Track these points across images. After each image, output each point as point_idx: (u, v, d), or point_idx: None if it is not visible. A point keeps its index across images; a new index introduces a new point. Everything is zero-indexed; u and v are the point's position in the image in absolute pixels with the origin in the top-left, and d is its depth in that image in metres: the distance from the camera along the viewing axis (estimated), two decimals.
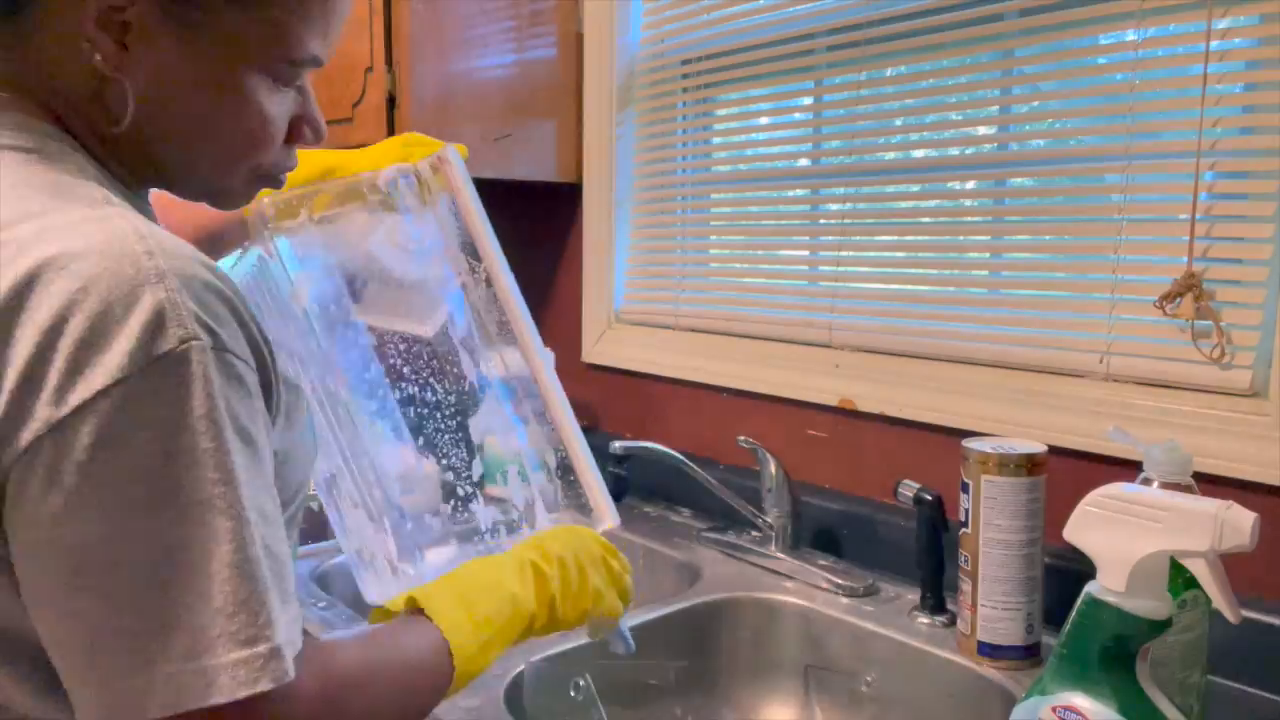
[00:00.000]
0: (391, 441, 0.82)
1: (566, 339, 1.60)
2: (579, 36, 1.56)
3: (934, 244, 1.17)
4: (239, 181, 0.64)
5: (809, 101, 1.32)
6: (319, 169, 0.85)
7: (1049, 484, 0.92)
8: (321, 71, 0.64)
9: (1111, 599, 0.63)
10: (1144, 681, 0.63)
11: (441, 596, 0.64)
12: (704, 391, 1.41)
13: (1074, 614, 0.65)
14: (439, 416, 0.82)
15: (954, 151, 1.16)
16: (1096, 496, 0.65)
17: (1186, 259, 0.92)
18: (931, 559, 1.03)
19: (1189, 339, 0.93)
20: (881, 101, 1.23)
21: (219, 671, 0.46)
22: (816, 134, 1.31)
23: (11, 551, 0.49)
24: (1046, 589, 0.93)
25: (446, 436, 0.82)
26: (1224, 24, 0.91)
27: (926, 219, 1.20)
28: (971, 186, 1.17)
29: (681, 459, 1.19)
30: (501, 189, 1.59)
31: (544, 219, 1.68)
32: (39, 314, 0.47)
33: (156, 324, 0.47)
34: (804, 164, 1.33)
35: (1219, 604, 0.61)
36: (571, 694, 0.90)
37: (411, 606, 0.64)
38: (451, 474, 0.82)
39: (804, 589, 1.12)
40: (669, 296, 1.50)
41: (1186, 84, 0.95)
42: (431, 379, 0.82)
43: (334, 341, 0.82)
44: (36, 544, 0.47)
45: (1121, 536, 0.63)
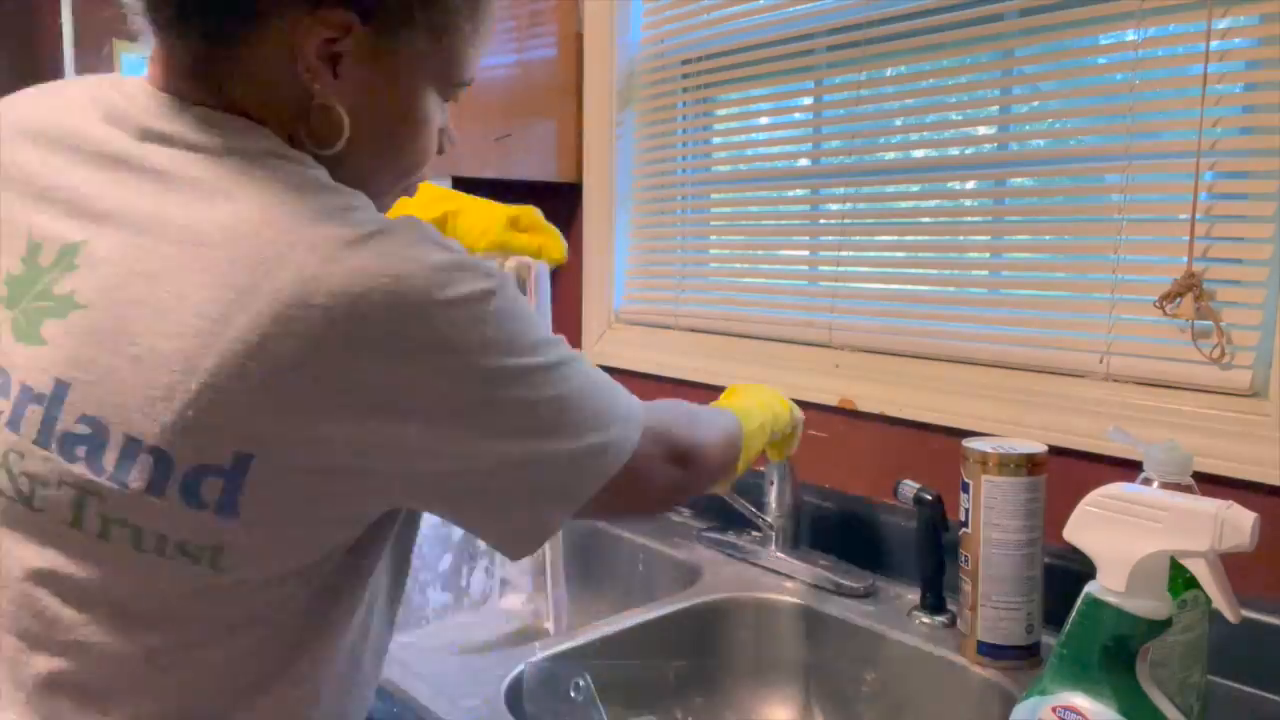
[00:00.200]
0: None
1: (567, 339, 1.60)
2: (579, 36, 1.56)
3: (934, 244, 1.17)
4: (397, 194, 0.69)
5: (809, 101, 1.32)
6: (439, 209, 0.98)
7: (1049, 484, 0.92)
8: None
9: (1111, 599, 0.63)
10: (1144, 681, 0.63)
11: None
12: (704, 391, 1.41)
13: (1074, 614, 0.65)
14: None
15: (954, 151, 1.16)
16: (1096, 496, 0.65)
17: (1186, 259, 0.92)
18: (931, 559, 1.03)
19: (1189, 339, 0.93)
20: (881, 101, 1.23)
21: (619, 441, 0.68)
22: (816, 134, 1.31)
23: (421, 495, 0.62)
24: (1046, 589, 0.93)
25: None
26: (1224, 24, 0.91)
27: (926, 219, 1.20)
28: (971, 186, 1.17)
29: None
30: (501, 189, 1.59)
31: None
32: (403, 297, 0.54)
33: (470, 274, 0.57)
34: (804, 164, 1.33)
35: (1219, 604, 0.61)
36: (571, 694, 0.90)
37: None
38: None
39: (804, 589, 1.12)
40: (669, 296, 1.50)
41: (1186, 84, 0.95)
42: None
43: None
44: (463, 456, 0.59)
45: (1121, 536, 0.63)
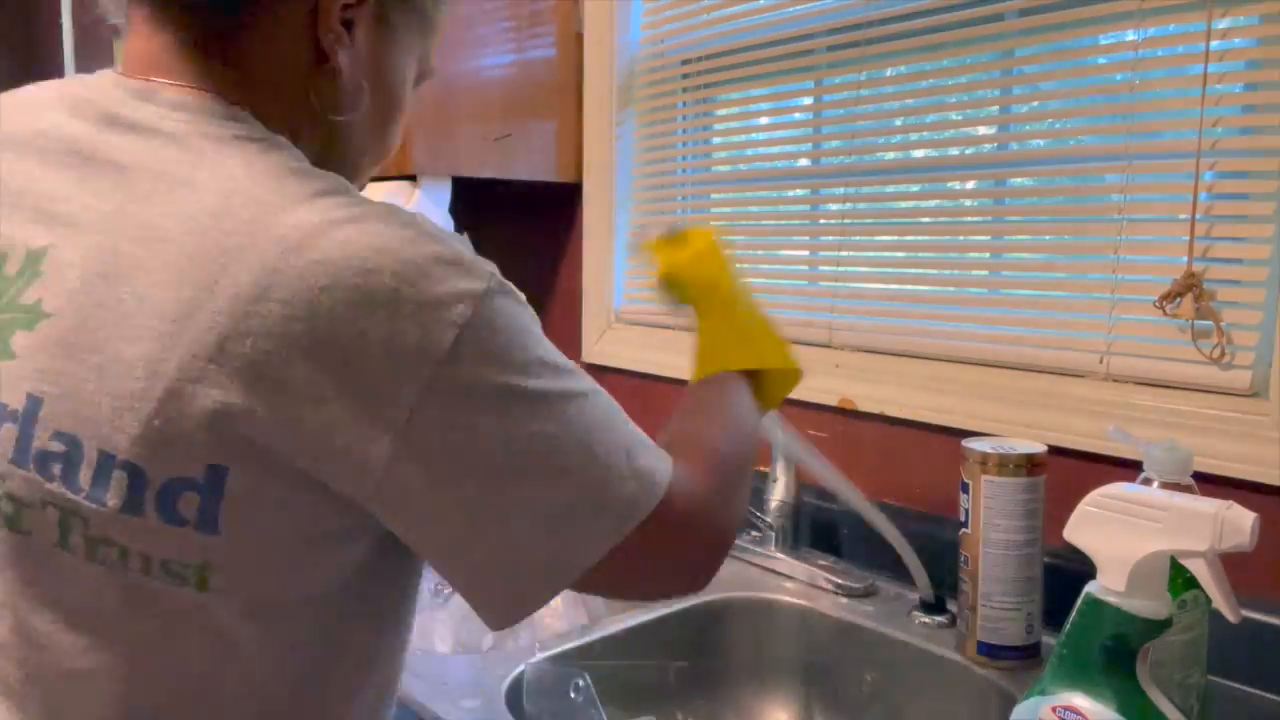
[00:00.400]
0: None
1: (566, 339, 1.60)
2: (579, 36, 1.56)
3: (934, 244, 1.17)
4: (367, 178, 0.67)
5: (809, 101, 1.32)
6: None
7: (1049, 484, 0.92)
8: None
9: (1111, 599, 0.63)
10: (1144, 681, 0.63)
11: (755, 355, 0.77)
12: None
13: (1074, 614, 0.65)
14: None
15: (954, 151, 1.16)
16: (1096, 496, 0.65)
17: (1186, 259, 0.92)
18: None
19: (1189, 339, 0.93)
20: (881, 101, 1.23)
21: (628, 503, 0.54)
22: (816, 134, 1.31)
23: (403, 520, 0.53)
24: (1046, 589, 0.93)
25: None
26: (1224, 24, 0.91)
27: (926, 219, 1.20)
28: (971, 186, 1.17)
29: None
30: (501, 189, 1.59)
31: (544, 219, 1.68)
32: (379, 293, 0.49)
33: (465, 270, 0.51)
34: (804, 164, 1.33)
35: (1219, 604, 0.61)
36: (571, 694, 0.90)
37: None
38: None
39: (804, 589, 1.12)
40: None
41: (1186, 84, 0.95)
42: None
43: None
44: (446, 485, 0.51)
45: (1121, 536, 0.63)
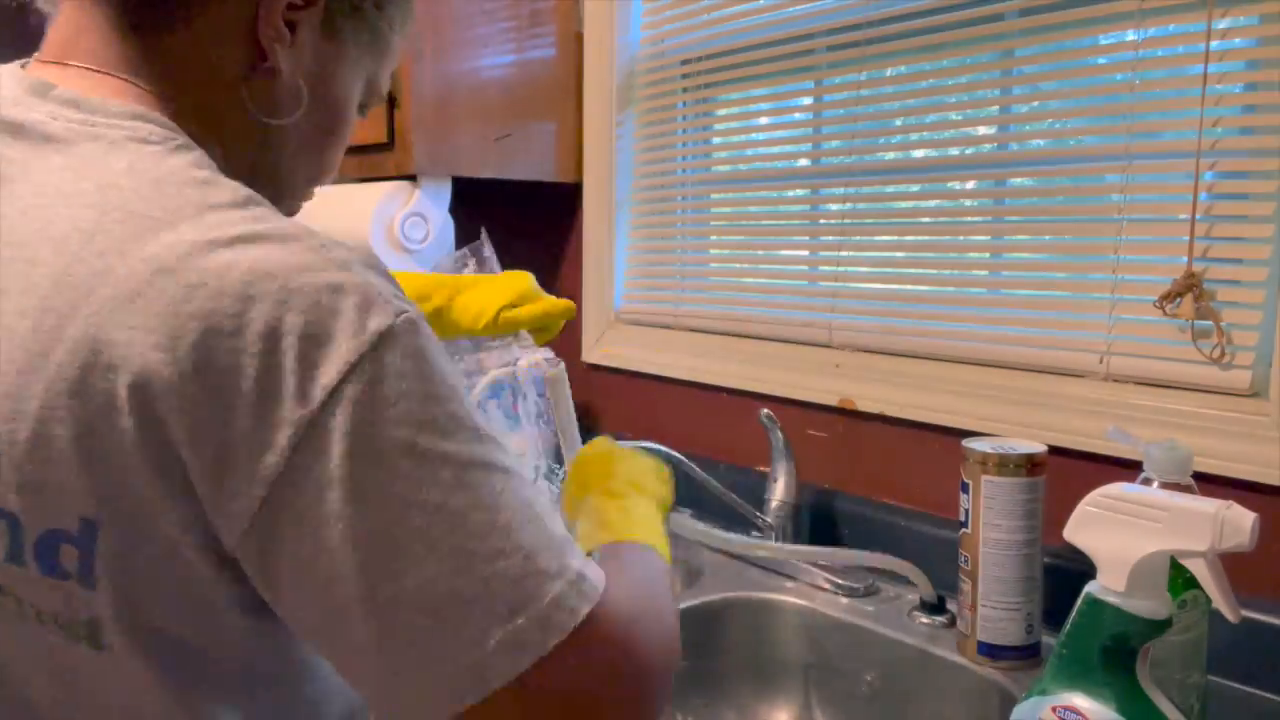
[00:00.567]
0: None
1: (566, 339, 1.60)
2: (579, 36, 1.56)
3: (934, 244, 1.17)
4: (302, 198, 0.65)
5: (809, 101, 1.32)
6: (437, 294, 0.89)
7: (1049, 484, 0.92)
8: None
9: (1111, 599, 0.63)
10: (1144, 681, 0.63)
11: (641, 529, 0.69)
12: (704, 391, 1.41)
13: (1074, 614, 0.65)
14: None
15: (954, 151, 1.16)
16: (1096, 496, 0.65)
17: (1186, 259, 0.92)
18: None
19: (1189, 339, 0.93)
20: (881, 101, 1.23)
21: (551, 606, 0.46)
22: (816, 134, 1.31)
23: (273, 586, 0.47)
24: (1046, 589, 0.93)
25: None
26: (1224, 24, 0.91)
27: (926, 219, 1.20)
28: (971, 186, 1.17)
29: (681, 459, 1.19)
30: (501, 189, 1.59)
31: (544, 219, 1.68)
32: (255, 324, 0.45)
33: (366, 305, 0.46)
34: (804, 164, 1.33)
35: (1219, 604, 0.61)
36: None
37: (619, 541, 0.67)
38: None
39: (804, 589, 1.12)
40: (669, 296, 1.50)
41: (1186, 84, 0.95)
42: None
43: None
44: (320, 554, 0.45)
45: (1121, 536, 0.63)
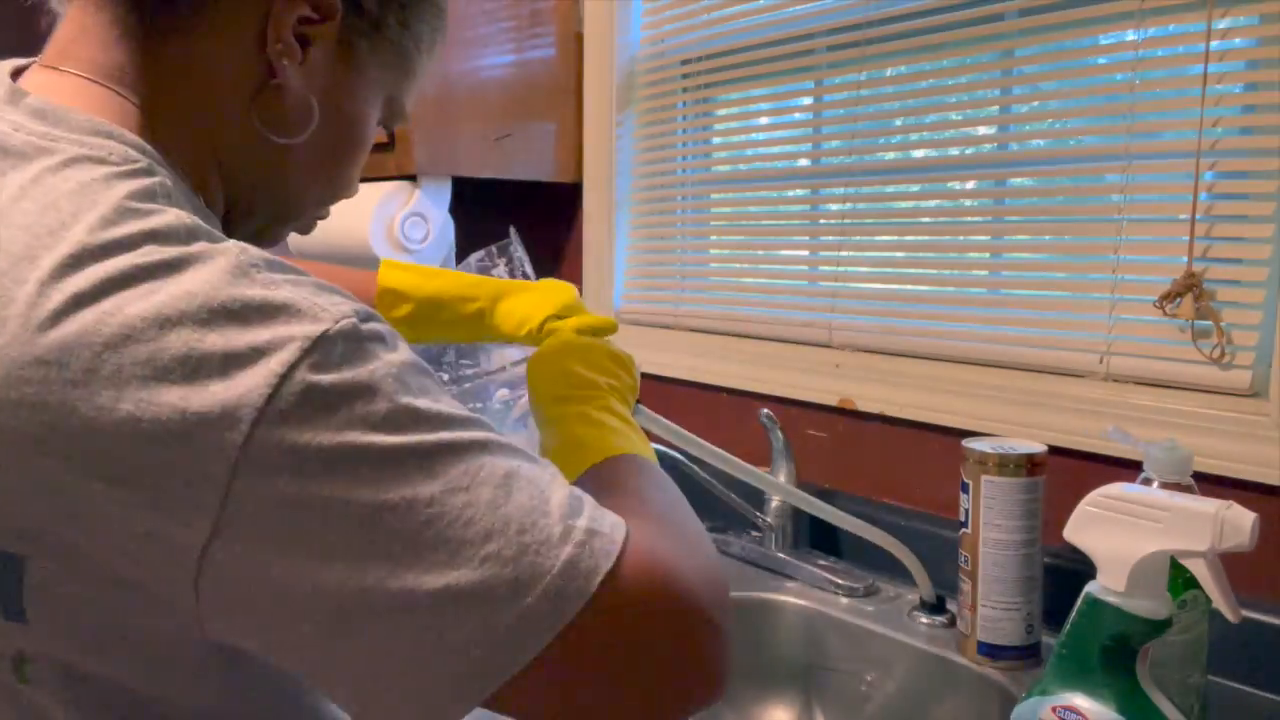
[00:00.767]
0: None
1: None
2: (579, 36, 1.56)
3: (934, 244, 1.17)
4: (310, 221, 0.63)
5: (809, 101, 1.32)
6: (481, 294, 0.86)
7: (1049, 484, 0.92)
8: None
9: (1111, 599, 0.63)
10: (1144, 681, 0.63)
11: (620, 438, 0.66)
12: (704, 391, 1.41)
13: (1074, 614, 0.65)
14: None
15: (954, 151, 1.16)
16: (1096, 496, 0.65)
17: (1186, 259, 0.92)
18: None
19: (1189, 339, 0.93)
20: (881, 101, 1.23)
21: (563, 575, 0.44)
22: (816, 134, 1.31)
23: (239, 622, 0.44)
24: (1046, 589, 0.93)
25: None
26: (1224, 24, 0.91)
27: (926, 219, 1.20)
28: (971, 186, 1.17)
29: (681, 458, 1.19)
30: (501, 189, 1.60)
31: (544, 219, 1.68)
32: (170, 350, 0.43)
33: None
34: (804, 164, 1.33)
35: (1219, 604, 0.61)
36: None
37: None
38: None
39: (804, 589, 1.12)
40: (669, 296, 1.50)
41: (1186, 84, 0.95)
42: None
43: None
44: (293, 578, 0.42)
45: (1121, 536, 0.63)
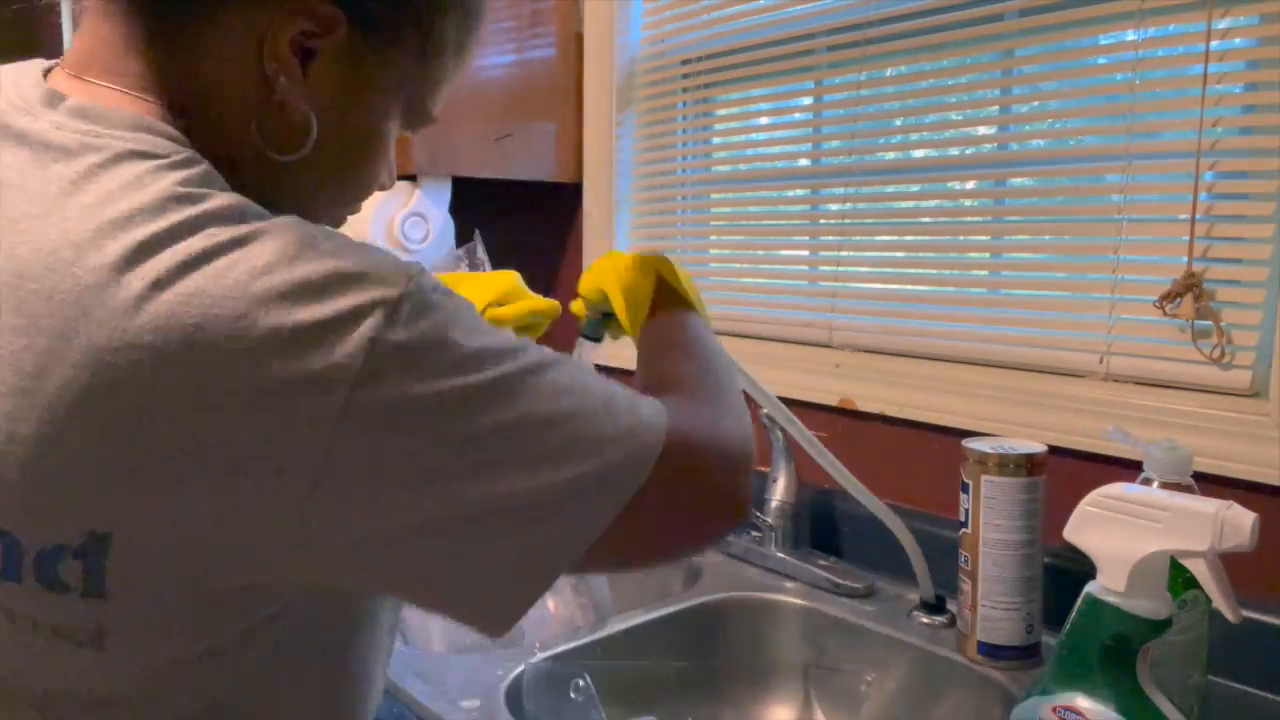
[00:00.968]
0: None
1: (567, 339, 1.60)
2: (579, 36, 1.56)
3: (934, 244, 1.17)
4: (337, 220, 0.63)
5: (809, 101, 1.32)
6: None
7: (1049, 484, 0.92)
8: None
9: (1111, 599, 0.63)
10: (1144, 681, 0.63)
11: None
12: None
13: (1074, 614, 0.65)
14: None
15: (954, 151, 1.16)
16: (1096, 496, 0.65)
17: (1186, 259, 0.92)
18: None
19: (1189, 339, 0.93)
20: (881, 101, 1.23)
21: (634, 450, 0.50)
22: (816, 134, 1.31)
23: (339, 559, 0.47)
24: (1046, 589, 0.93)
25: None
26: (1224, 24, 0.91)
27: (926, 219, 1.20)
28: (971, 186, 1.17)
29: None
30: (501, 189, 1.60)
31: (544, 219, 1.68)
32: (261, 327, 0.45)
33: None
34: (804, 164, 1.33)
35: (1219, 604, 0.61)
36: (571, 694, 0.90)
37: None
38: None
39: (804, 589, 1.12)
40: None
41: (1186, 84, 0.95)
42: None
43: None
44: (393, 512, 0.46)
45: (1121, 536, 0.63)
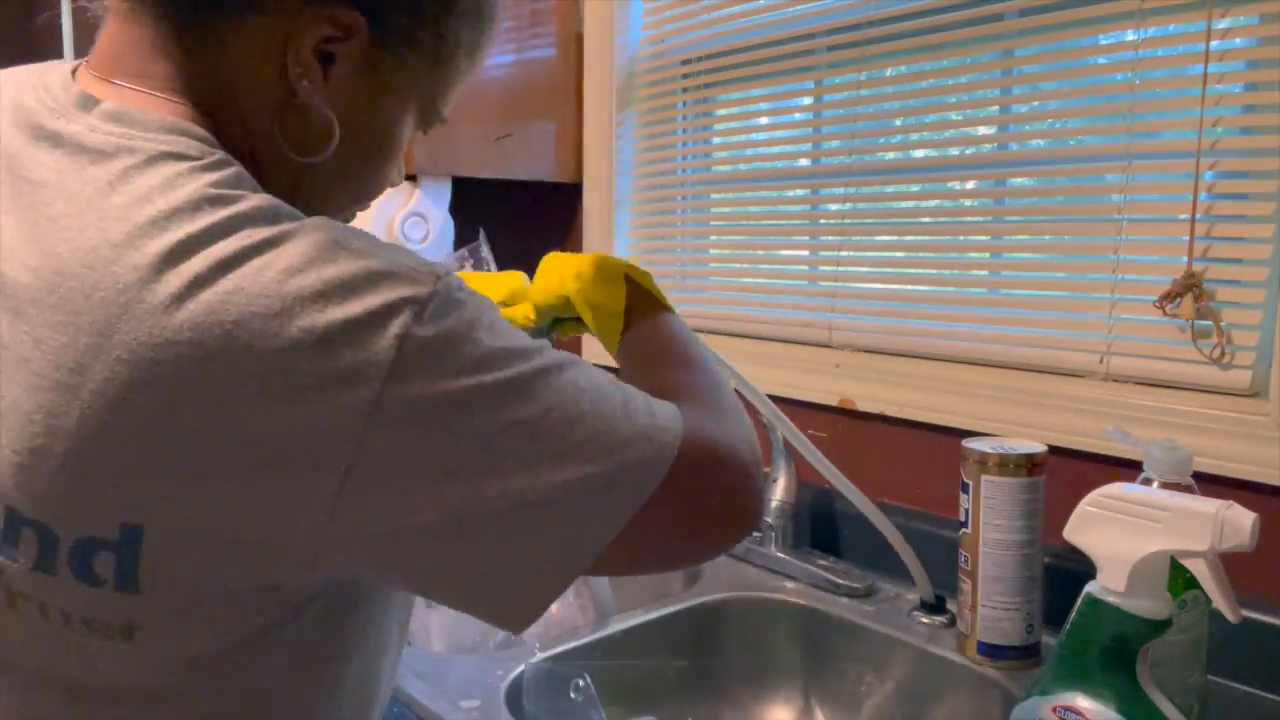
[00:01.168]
0: None
1: (566, 339, 1.60)
2: (579, 36, 1.56)
3: (934, 244, 1.17)
4: (346, 218, 0.64)
5: (809, 101, 1.32)
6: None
7: (1049, 484, 0.92)
8: None
9: (1111, 599, 0.63)
10: (1144, 681, 0.63)
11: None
12: None
13: (1074, 614, 0.65)
14: None
15: (954, 151, 1.16)
16: (1096, 496, 0.65)
17: (1186, 259, 0.92)
18: None
19: (1189, 339, 0.93)
20: (881, 101, 1.23)
21: (651, 449, 0.50)
22: (816, 134, 1.31)
23: (371, 552, 0.48)
24: (1046, 589, 0.93)
25: None
26: (1224, 24, 0.91)
27: (926, 219, 1.20)
28: (971, 186, 1.17)
29: None
30: (501, 189, 1.60)
31: (544, 219, 1.68)
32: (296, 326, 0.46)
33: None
34: (804, 164, 1.33)
35: (1219, 604, 0.61)
36: (571, 694, 0.90)
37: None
38: None
39: (804, 589, 1.12)
40: (669, 296, 1.50)
41: (1186, 84, 0.95)
42: None
43: None
44: (422, 507, 0.47)
45: (1121, 536, 0.63)
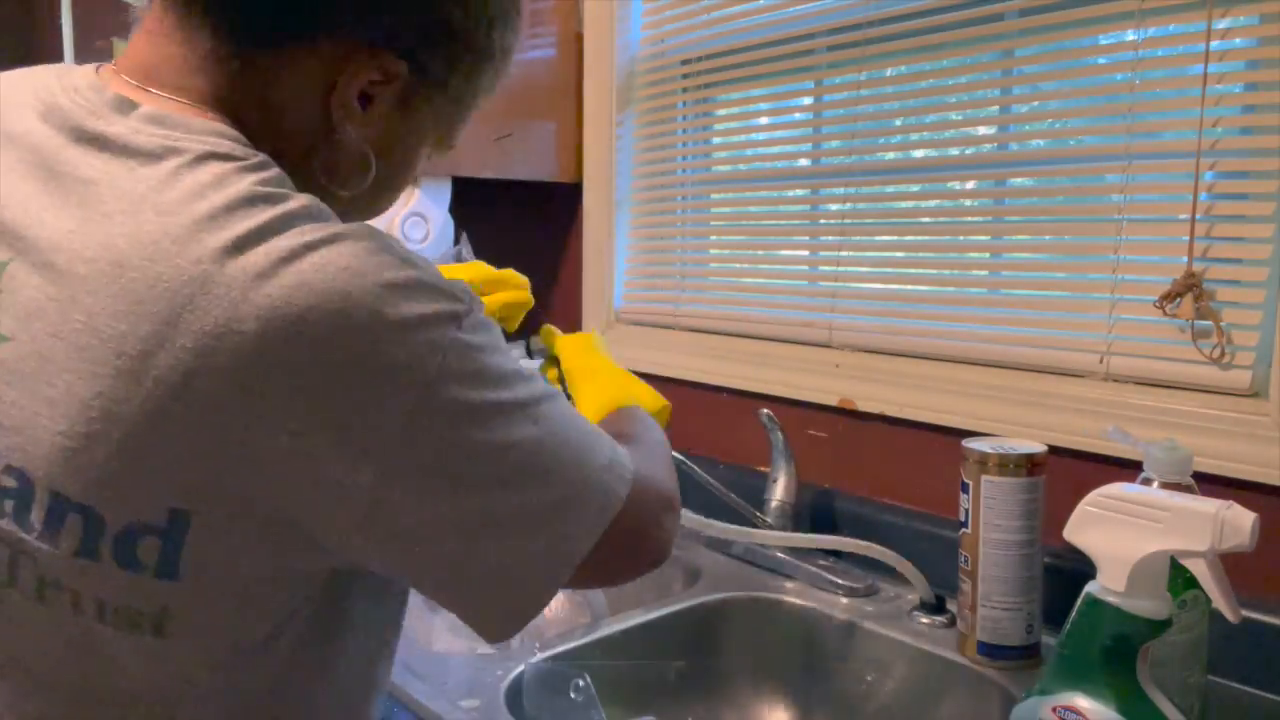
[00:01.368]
0: None
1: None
2: (579, 36, 1.56)
3: (934, 244, 1.17)
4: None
5: (809, 101, 1.32)
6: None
7: (1049, 484, 0.92)
8: None
9: (1111, 599, 0.63)
10: (1144, 681, 0.63)
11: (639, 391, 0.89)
12: (703, 391, 1.41)
13: (1074, 614, 0.65)
14: None
15: (954, 151, 1.16)
16: (1096, 496, 0.65)
17: (1186, 259, 0.92)
18: None
19: (1189, 339, 0.93)
20: (881, 101, 1.23)
21: (611, 488, 0.56)
22: (816, 134, 1.31)
23: (389, 549, 0.51)
24: (1046, 589, 0.93)
25: None
26: (1224, 24, 0.91)
27: (926, 219, 1.20)
28: (971, 186, 1.17)
29: (681, 458, 1.19)
30: (501, 189, 1.60)
31: (544, 219, 1.68)
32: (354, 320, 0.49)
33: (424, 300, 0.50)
34: (804, 164, 1.33)
35: (1219, 604, 0.61)
36: (571, 694, 0.90)
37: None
38: None
39: (804, 589, 1.12)
40: (669, 296, 1.50)
41: (1186, 84, 0.95)
42: None
43: None
44: (439, 507, 0.51)
45: (1121, 536, 0.63)
